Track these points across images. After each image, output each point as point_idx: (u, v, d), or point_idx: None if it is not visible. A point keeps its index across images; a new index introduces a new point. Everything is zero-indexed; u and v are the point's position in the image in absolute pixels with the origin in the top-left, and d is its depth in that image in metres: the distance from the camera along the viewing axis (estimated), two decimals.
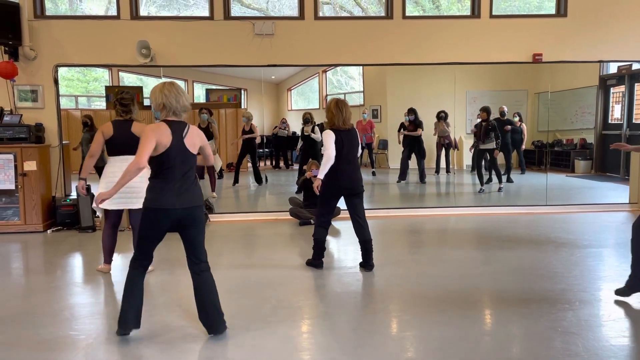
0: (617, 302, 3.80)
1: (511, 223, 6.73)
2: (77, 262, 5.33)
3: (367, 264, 4.67)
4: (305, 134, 8.54)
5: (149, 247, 3.16)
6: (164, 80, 3.31)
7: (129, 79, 9.44)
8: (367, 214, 4.77)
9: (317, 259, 4.75)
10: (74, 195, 6.97)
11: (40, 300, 4.01)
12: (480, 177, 8.61)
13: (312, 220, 6.72)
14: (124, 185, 3.11)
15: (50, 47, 6.96)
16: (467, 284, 4.29)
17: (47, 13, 7.16)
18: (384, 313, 3.68)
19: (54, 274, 4.75)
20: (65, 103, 8.06)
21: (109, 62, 7.23)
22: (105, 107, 9.08)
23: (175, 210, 3.04)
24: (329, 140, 4.43)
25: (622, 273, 4.51)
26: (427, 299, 3.97)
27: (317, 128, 8.49)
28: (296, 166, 9.93)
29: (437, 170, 9.48)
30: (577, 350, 2.99)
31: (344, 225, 6.70)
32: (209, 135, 8.01)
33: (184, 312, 3.65)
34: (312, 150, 8.42)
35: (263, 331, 3.31)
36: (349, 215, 4.73)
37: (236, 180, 8.90)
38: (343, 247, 5.91)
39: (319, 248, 4.73)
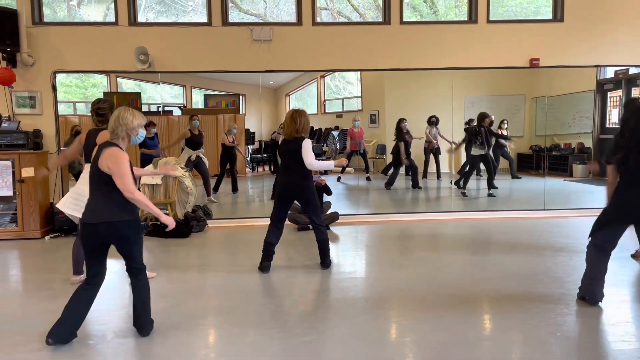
0: (616, 307, 3.79)
1: (510, 228, 6.73)
2: None
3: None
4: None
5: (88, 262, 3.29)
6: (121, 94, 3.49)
7: (127, 85, 9.44)
8: (362, 218, 4.76)
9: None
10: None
11: (37, 306, 3.99)
12: (467, 180, 8.69)
13: (310, 226, 6.71)
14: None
15: (48, 54, 6.97)
16: (465, 289, 4.28)
17: (45, 20, 7.18)
18: (383, 318, 3.67)
19: (53, 280, 4.73)
20: (63, 109, 8.04)
21: (107, 68, 7.24)
22: None
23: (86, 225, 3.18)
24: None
25: (620, 278, 4.51)
26: (426, 304, 3.97)
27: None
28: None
29: (425, 175, 9.53)
30: (575, 355, 2.99)
31: (342, 230, 6.70)
32: (199, 144, 8.04)
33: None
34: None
35: (262, 337, 3.30)
36: (347, 221, 4.72)
37: (216, 189, 8.77)
38: (342, 252, 5.90)
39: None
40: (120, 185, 3.09)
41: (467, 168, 8.77)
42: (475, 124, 8.57)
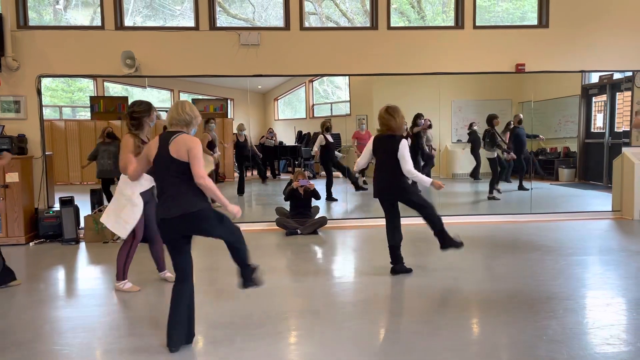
0: (601, 310, 3.83)
1: (496, 231, 6.77)
2: (60, 275, 5.25)
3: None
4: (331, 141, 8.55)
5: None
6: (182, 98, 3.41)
7: (114, 89, 9.38)
8: (349, 223, 4.77)
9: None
10: (57, 207, 6.88)
11: (22, 314, 3.94)
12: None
13: (298, 231, 6.70)
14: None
15: (33, 58, 6.90)
16: (451, 292, 4.30)
17: (31, 23, 7.11)
18: (370, 323, 3.67)
19: (37, 287, 4.67)
20: (49, 113, 7.99)
21: (93, 72, 7.18)
22: (90, 118, 9.00)
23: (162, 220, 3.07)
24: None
25: (605, 280, 4.56)
26: (412, 309, 3.98)
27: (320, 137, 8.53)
28: (283, 176, 9.93)
29: None
30: (561, 358, 3.01)
31: (329, 234, 6.70)
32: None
33: None
34: (329, 157, 8.46)
35: (248, 344, 3.28)
36: (354, 225, 4.71)
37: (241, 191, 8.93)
38: (331, 257, 5.90)
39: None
40: (198, 171, 2.97)
41: (493, 173, 8.80)
42: (477, 126, 8.65)
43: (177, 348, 3.10)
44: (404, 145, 4.55)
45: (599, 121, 9.46)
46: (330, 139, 8.53)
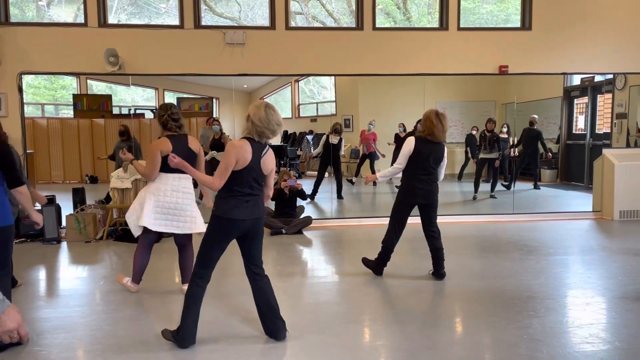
0: (581, 309, 3.89)
1: (478, 231, 6.84)
2: (40, 275, 5.18)
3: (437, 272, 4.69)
4: (332, 142, 8.51)
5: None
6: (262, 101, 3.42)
7: (97, 87, 9.28)
8: (334, 222, 4.77)
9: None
10: (37, 206, 6.78)
11: None
12: (477, 185, 8.82)
13: (283, 230, 6.70)
14: None
15: (14, 55, 6.79)
16: (433, 292, 4.33)
17: (12, 20, 7.00)
18: (355, 323, 3.68)
19: (16, 287, 4.59)
20: (31, 111, 7.88)
21: (75, 70, 7.09)
22: (73, 116, 8.90)
23: (244, 222, 3.14)
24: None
25: (586, 280, 4.63)
26: (396, 309, 4.00)
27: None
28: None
29: None
30: (542, 357, 3.05)
31: (314, 234, 6.70)
32: (222, 147, 7.99)
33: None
34: (332, 158, 8.45)
35: (231, 345, 3.27)
36: (338, 224, 4.71)
37: None
38: (316, 257, 5.91)
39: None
40: (271, 184, 3.36)
41: (493, 174, 8.92)
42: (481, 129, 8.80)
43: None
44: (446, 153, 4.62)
45: (580, 123, 9.61)
46: (335, 141, 8.51)
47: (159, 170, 4.01)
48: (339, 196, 8.56)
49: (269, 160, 3.21)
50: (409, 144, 4.50)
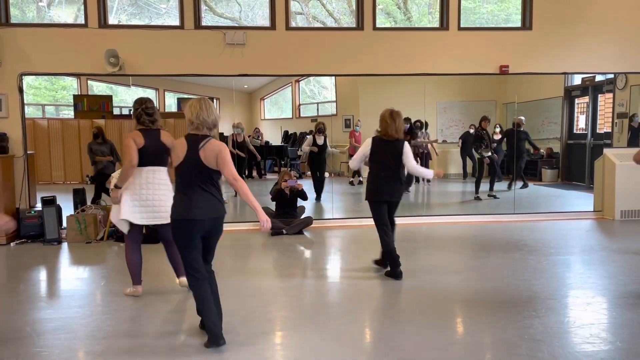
0: (582, 309, 3.88)
1: (480, 231, 6.83)
2: (41, 275, 5.18)
3: None
4: (319, 143, 8.50)
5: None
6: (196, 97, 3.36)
7: (98, 88, 9.28)
8: (335, 223, 4.77)
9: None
10: (38, 206, 6.79)
11: (2, 316, 3.88)
12: (478, 185, 8.80)
13: (284, 231, 6.70)
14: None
15: (15, 55, 6.79)
16: (434, 292, 4.32)
17: (13, 21, 7.00)
18: (354, 324, 3.68)
19: (17, 288, 4.60)
20: (32, 112, 7.88)
21: (76, 70, 7.09)
22: (73, 117, 8.90)
23: (201, 221, 3.14)
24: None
25: (587, 280, 4.62)
26: (396, 309, 3.99)
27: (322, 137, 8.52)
28: (270, 175, 9.91)
29: (418, 180, 9.62)
30: (542, 357, 3.04)
31: (315, 234, 6.70)
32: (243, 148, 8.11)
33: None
34: (320, 159, 8.45)
35: (232, 344, 3.27)
36: (339, 225, 4.71)
37: None
38: (317, 257, 5.90)
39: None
40: (232, 172, 3.14)
41: (490, 172, 8.90)
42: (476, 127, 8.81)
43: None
44: (408, 148, 4.69)
45: (581, 122, 9.60)
46: (319, 142, 8.46)
47: (137, 157, 4.01)
48: (318, 198, 8.44)
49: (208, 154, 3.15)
50: (365, 145, 4.75)
